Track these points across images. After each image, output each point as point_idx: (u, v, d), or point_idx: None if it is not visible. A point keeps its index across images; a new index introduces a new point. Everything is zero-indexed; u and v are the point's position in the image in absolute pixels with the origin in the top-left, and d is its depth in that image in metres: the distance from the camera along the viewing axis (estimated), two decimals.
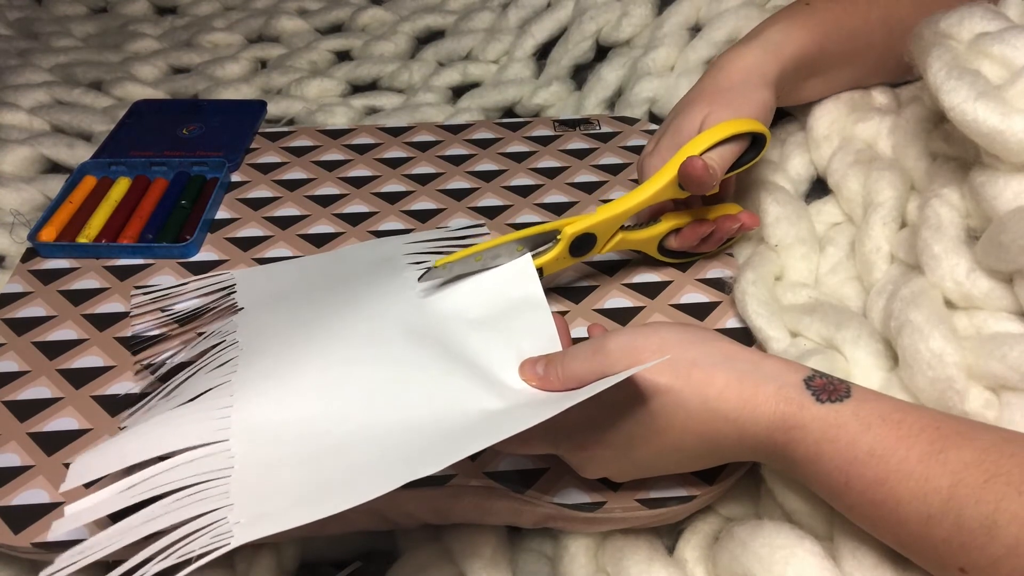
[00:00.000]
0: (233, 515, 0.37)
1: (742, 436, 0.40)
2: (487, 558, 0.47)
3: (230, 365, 0.48)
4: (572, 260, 0.55)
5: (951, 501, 0.34)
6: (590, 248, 0.55)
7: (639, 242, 0.59)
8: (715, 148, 0.53)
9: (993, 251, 0.46)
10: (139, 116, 0.79)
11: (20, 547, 0.45)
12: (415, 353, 0.47)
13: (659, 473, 0.45)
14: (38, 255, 0.63)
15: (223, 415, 0.44)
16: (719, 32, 0.81)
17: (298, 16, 1.01)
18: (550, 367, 0.44)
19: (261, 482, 0.40)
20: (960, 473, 0.34)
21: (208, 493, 0.39)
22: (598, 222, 0.54)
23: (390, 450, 0.40)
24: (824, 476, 0.38)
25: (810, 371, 0.40)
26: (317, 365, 0.46)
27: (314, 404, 0.44)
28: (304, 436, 0.42)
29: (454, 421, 0.42)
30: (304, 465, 0.40)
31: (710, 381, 0.40)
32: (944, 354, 0.45)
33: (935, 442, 0.35)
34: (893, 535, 0.37)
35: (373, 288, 0.54)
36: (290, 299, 0.55)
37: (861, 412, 0.37)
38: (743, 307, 0.55)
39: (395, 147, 0.77)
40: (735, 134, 0.53)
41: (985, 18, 0.51)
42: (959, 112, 0.47)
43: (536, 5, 0.93)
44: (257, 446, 0.42)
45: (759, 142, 0.56)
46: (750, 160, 0.56)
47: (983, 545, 0.33)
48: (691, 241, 0.59)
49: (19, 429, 0.50)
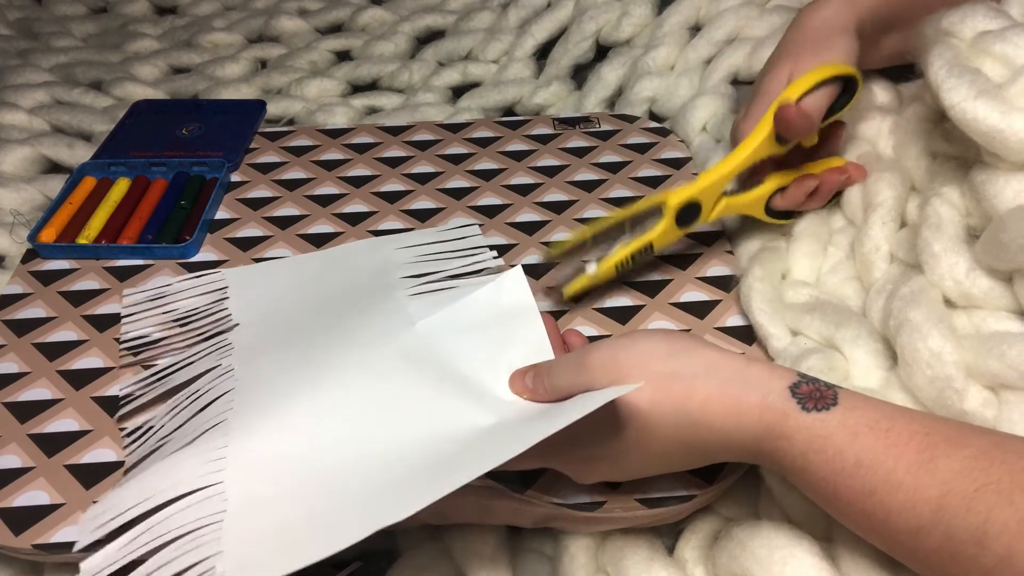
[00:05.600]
0: (221, 564, 0.38)
1: (729, 444, 0.40)
2: (487, 558, 0.47)
3: (226, 400, 0.48)
4: (680, 232, 0.55)
5: (940, 512, 0.33)
6: (696, 217, 0.55)
7: (745, 205, 0.58)
8: (807, 96, 0.53)
9: (993, 250, 0.46)
10: (139, 116, 0.79)
11: (21, 548, 0.45)
12: (407, 376, 0.47)
13: (656, 474, 0.45)
14: (38, 256, 0.63)
15: (219, 456, 0.44)
16: (719, 31, 0.81)
17: (298, 16, 1.01)
18: (537, 379, 0.45)
19: (253, 524, 0.40)
20: (949, 483, 0.33)
21: (200, 541, 0.40)
22: (702, 189, 0.54)
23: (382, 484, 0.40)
24: (812, 485, 0.38)
25: (796, 377, 0.39)
26: (310, 394, 0.47)
27: (307, 438, 0.44)
28: (297, 474, 0.43)
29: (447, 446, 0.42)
30: (296, 504, 0.41)
31: (690, 394, 0.39)
32: (943, 353, 0.45)
33: (924, 451, 0.35)
34: (884, 544, 0.37)
35: (365, 307, 0.54)
36: (284, 315, 0.55)
37: (848, 421, 0.37)
38: (747, 303, 0.55)
39: (394, 146, 0.76)
40: (825, 79, 0.53)
41: (987, 16, 0.51)
42: (959, 110, 0.47)
43: (536, 5, 0.93)
44: (250, 486, 0.42)
45: (851, 86, 0.55)
46: (845, 104, 0.56)
47: (974, 556, 0.32)
48: (798, 198, 0.59)
49: (20, 430, 0.50)
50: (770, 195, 0.59)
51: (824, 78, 0.53)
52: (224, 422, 0.47)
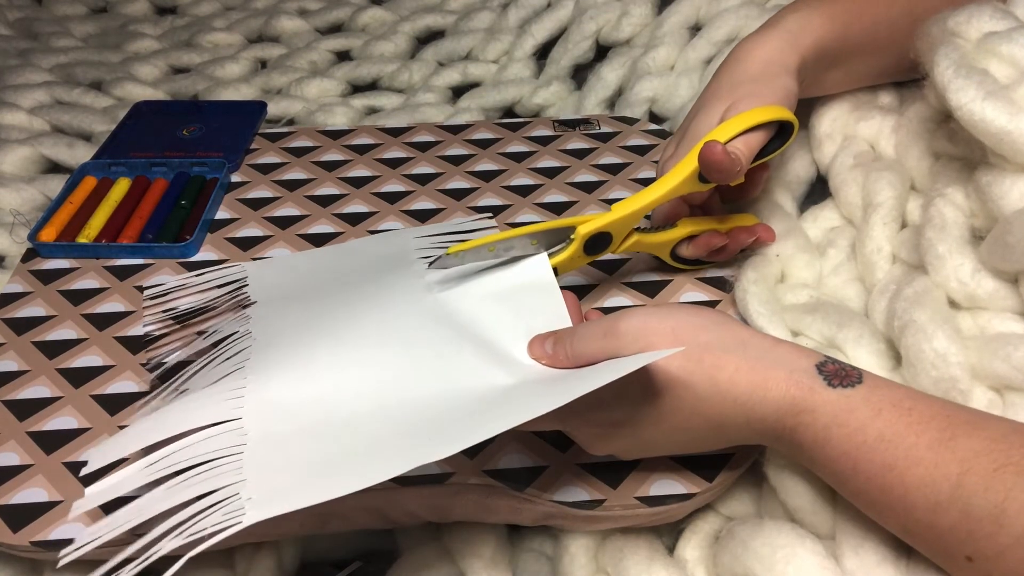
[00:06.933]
0: (245, 491, 0.37)
1: (750, 419, 0.40)
2: (487, 558, 0.47)
3: (244, 354, 0.48)
4: (586, 259, 0.54)
5: (959, 489, 0.34)
6: (605, 247, 0.54)
7: (653, 246, 0.57)
8: (740, 137, 0.51)
9: (998, 251, 0.46)
10: (139, 117, 0.79)
11: (19, 546, 0.44)
12: (426, 333, 0.47)
13: (665, 453, 0.46)
14: (38, 255, 0.63)
15: (237, 395, 0.44)
16: (719, 31, 0.81)
17: (298, 16, 1.01)
18: (559, 345, 0.44)
19: (274, 458, 0.40)
20: (970, 461, 0.34)
21: (222, 469, 0.39)
22: (613, 220, 0.52)
23: (402, 431, 0.40)
24: (832, 461, 0.38)
25: (823, 357, 0.40)
26: (329, 348, 0.46)
27: (327, 385, 0.44)
28: (317, 415, 0.42)
29: (466, 402, 0.42)
30: (317, 443, 0.40)
31: (721, 365, 0.40)
32: (948, 354, 0.44)
33: (945, 430, 0.35)
34: (899, 522, 0.37)
35: (384, 277, 0.54)
36: (302, 292, 0.55)
37: (872, 398, 0.37)
38: (744, 306, 0.55)
39: (395, 147, 0.76)
40: (760, 123, 0.51)
41: (994, 17, 0.51)
42: (967, 111, 0.47)
43: (536, 5, 0.93)
44: (270, 424, 0.42)
45: (786, 130, 0.54)
46: (777, 148, 0.54)
47: (991, 534, 0.33)
48: (703, 250, 0.58)
49: (18, 428, 0.50)
50: (678, 241, 0.58)
51: (760, 121, 0.52)
52: (241, 368, 0.47)
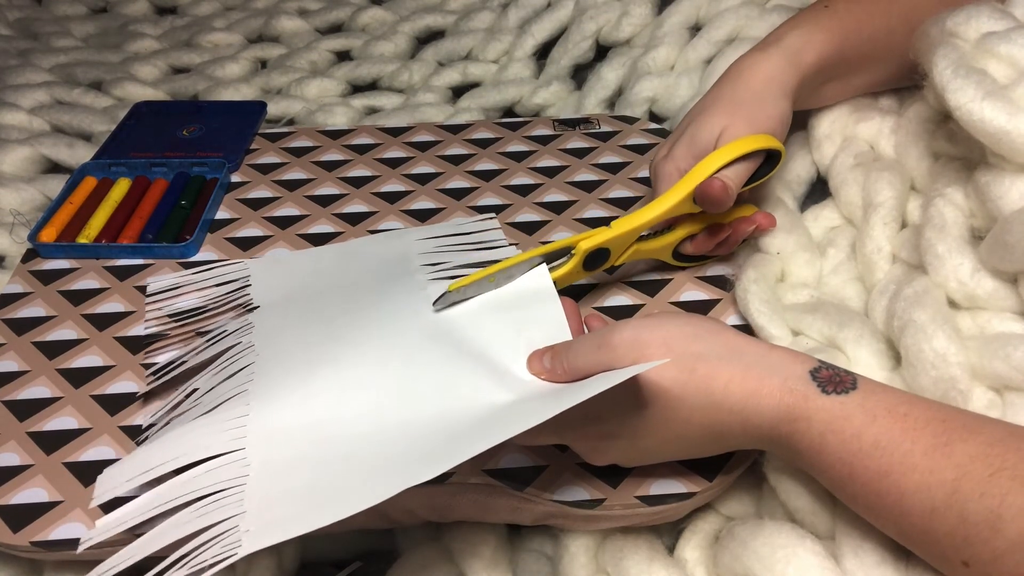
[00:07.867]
0: (244, 523, 0.38)
1: (746, 427, 0.40)
2: (487, 558, 0.47)
3: (246, 372, 0.49)
4: (585, 274, 0.55)
5: (955, 494, 0.34)
6: (604, 262, 0.55)
7: (653, 251, 0.58)
8: (731, 165, 0.53)
9: (998, 251, 0.46)
10: (139, 117, 0.79)
11: (19, 546, 0.44)
12: (426, 353, 0.48)
13: (666, 459, 0.46)
14: (38, 255, 0.63)
15: (240, 424, 0.45)
16: (719, 31, 0.81)
17: (298, 16, 1.01)
18: (556, 360, 0.44)
19: (274, 488, 0.40)
20: (965, 466, 0.34)
21: (224, 502, 0.40)
22: (612, 237, 0.53)
23: (400, 452, 0.41)
24: (828, 467, 0.38)
25: (817, 362, 0.40)
26: (330, 369, 0.47)
27: (327, 408, 0.45)
28: (317, 438, 0.43)
29: (464, 419, 0.42)
30: (317, 468, 0.41)
31: (715, 375, 0.40)
32: (948, 354, 0.44)
33: (940, 435, 0.35)
34: (896, 527, 0.37)
35: (385, 287, 0.54)
36: (305, 300, 0.55)
37: (867, 404, 0.37)
38: (744, 305, 0.55)
39: (395, 147, 0.76)
40: (750, 151, 0.53)
41: (992, 17, 0.51)
42: (966, 112, 0.47)
43: (536, 5, 0.93)
44: (272, 452, 0.43)
45: (774, 157, 0.55)
46: (764, 175, 0.56)
47: (987, 539, 0.33)
48: (707, 246, 0.59)
49: (18, 428, 0.50)
50: (679, 241, 0.59)
51: (751, 150, 0.53)
52: (244, 392, 0.47)
